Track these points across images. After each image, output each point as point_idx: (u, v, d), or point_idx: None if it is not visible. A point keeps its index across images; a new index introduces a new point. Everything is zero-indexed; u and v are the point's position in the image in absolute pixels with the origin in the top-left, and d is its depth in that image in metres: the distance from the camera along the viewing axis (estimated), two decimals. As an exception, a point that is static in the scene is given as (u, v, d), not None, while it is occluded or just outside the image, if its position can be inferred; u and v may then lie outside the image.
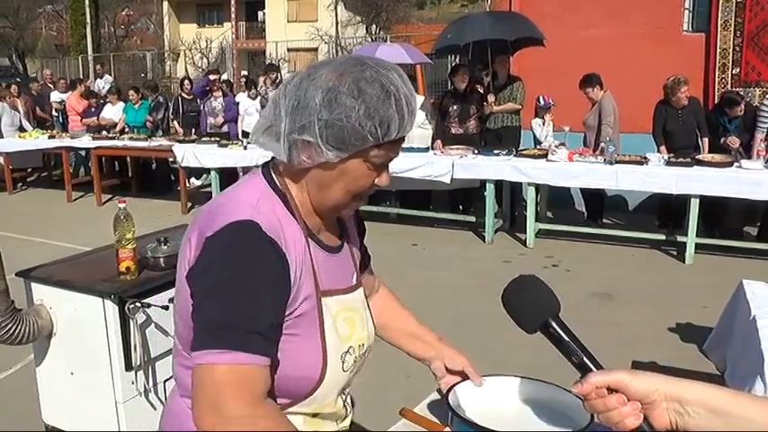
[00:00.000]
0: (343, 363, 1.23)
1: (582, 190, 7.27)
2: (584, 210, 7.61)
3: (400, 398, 1.78)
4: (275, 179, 1.20)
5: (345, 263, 1.31)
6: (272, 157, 1.21)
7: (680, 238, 6.11)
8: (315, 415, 1.25)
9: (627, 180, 6.07)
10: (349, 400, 1.37)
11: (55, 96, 12.16)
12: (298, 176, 1.18)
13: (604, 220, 7.32)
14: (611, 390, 0.86)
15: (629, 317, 4.73)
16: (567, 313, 0.98)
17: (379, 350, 1.43)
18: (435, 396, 1.56)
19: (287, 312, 1.13)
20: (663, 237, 6.38)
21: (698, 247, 5.95)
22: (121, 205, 2.44)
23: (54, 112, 12.02)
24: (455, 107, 7.35)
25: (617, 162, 6.14)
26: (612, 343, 4.09)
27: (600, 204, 7.28)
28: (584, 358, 0.93)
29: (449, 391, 1.37)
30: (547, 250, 6.41)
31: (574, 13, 8.36)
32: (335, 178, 1.14)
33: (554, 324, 0.97)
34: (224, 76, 11.87)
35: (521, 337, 1.09)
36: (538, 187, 6.58)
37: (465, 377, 1.42)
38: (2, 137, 10.20)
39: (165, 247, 2.54)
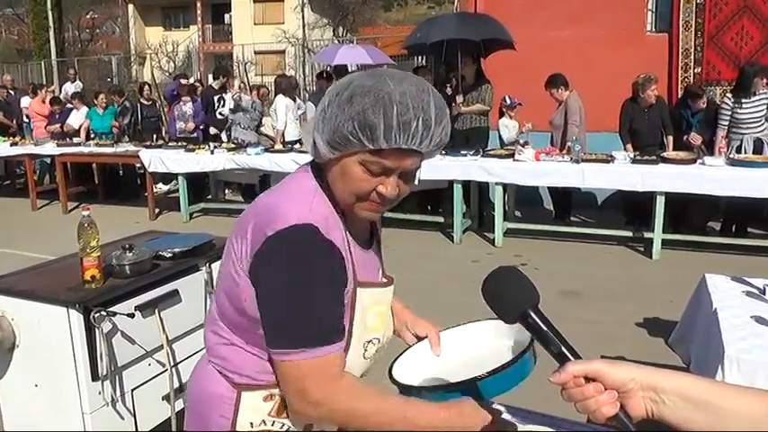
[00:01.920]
0: (365, 351, 1.35)
1: (549, 189, 7.35)
2: (552, 208, 7.69)
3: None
4: (320, 176, 1.30)
5: (374, 260, 1.43)
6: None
7: (647, 235, 6.21)
8: None
9: (593, 178, 6.16)
10: None
11: (25, 102, 11.90)
12: (327, 175, 1.28)
13: (572, 218, 7.40)
14: (588, 379, 0.88)
15: (597, 313, 4.79)
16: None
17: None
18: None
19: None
20: (630, 234, 6.47)
21: (664, 242, 6.06)
22: (85, 213, 2.40)
23: (25, 119, 11.74)
24: None
25: (583, 161, 6.22)
26: (581, 339, 4.12)
27: (568, 202, 7.36)
28: (563, 348, 0.95)
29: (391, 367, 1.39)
30: (515, 249, 6.46)
31: (539, 14, 8.45)
32: (338, 176, 1.24)
33: (533, 314, 0.98)
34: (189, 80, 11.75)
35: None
36: (505, 187, 6.64)
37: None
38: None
39: (131, 254, 2.51)
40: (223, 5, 32.79)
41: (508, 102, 7.56)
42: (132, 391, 2.51)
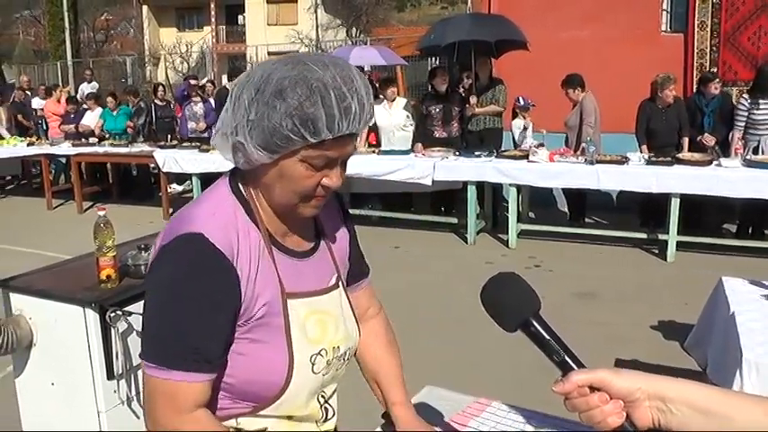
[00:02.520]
0: (312, 365, 1.22)
1: (564, 190, 7.32)
2: (566, 210, 7.66)
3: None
4: (239, 185, 1.20)
5: (318, 266, 1.30)
6: None
7: (661, 237, 6.16)
8: (289, 417, 1.25)
9: (608, 180, 6.12)
10: (332, 403, 1.35)
11: (36, 103, 11.98)
12: (254, 180, 1.18)
13: (587, 220, 7.36)
14: (593, 388, 0.85)
15: (611, 316, 4.76)
16: (549, 313, 0.97)
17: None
18: (420, 398, 1.57)
19: (244, 319, 1.15)
20: (644, 235, 6.43)
21: (679, 244, 6.01)
22: (101, 213, 2.42)
23: (38, 119, 11.82)
24: (437, 109, 7.35)
25: (598, 162, 6.18)
26: (595, 342, 4.12)
27: (582, 204, 7.33)
28: (566, 357, 0.91)
29: None
30: (529, 250, 6.44)
31: (553, 14, 8.42)
32: (276, 179, 1.14)
33: (534, 322, 0.94)
34: (202, 81, 11.82)
35: (503, 338, 1.09)
36: (519, 188, 6.62)
37: None
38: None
39: (146, 254, 2.52)
40: (237, 6, 32.90)
41: (521, 103, 7.53)
42: (147, 390, 2.52)
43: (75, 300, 2.35)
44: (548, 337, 0.94)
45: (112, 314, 2.30)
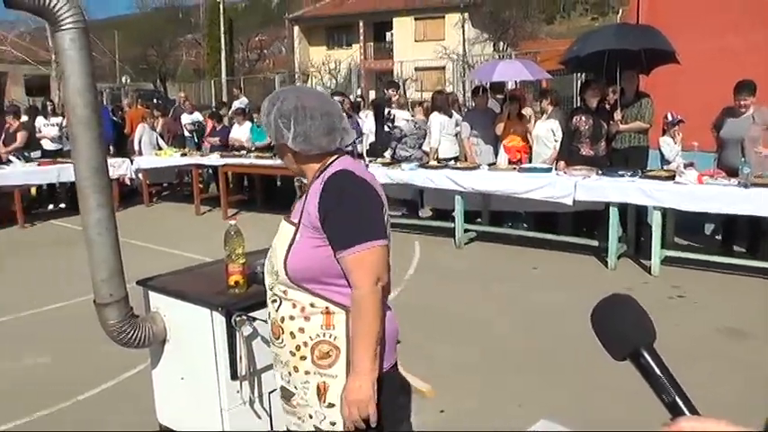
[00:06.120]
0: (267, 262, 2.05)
1: (728, 216, 6.65)
2: (718, 236, 7.12)
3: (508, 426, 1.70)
4: None
5: (297, 208, 1.96)
6: None
7: (827, 271, 5.56)
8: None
9: (765, 205, 5.60)
10: (282, 311, 1.99)
11: (185, 118, 12.72)
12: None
13: (737, 248, 6.73)
14: None
15: (764, 357, 4.32)
16: (691, 349, 0.89)
17: (488, 378, 1.37)
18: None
19: None
20: (807, 268, 5.83)
21: None
22: (232, 222, 2.58)
23: (187, 133, 12.46)
24: (587, 126, 7.03)
25: (753, 185, 5.68)
26: (742, 385, 3.77)
27: (757, 232, 6.59)
28: (677, 398, 0.83)
29: None
30: (673, 279, 6.02)
31: (704, 23, 7.83)
32: None
33: (646, 354, 0.86)
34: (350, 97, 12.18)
35: (635, 371, 0.99)
36: (665, 211, 6.21)
37: None
38: (141, 155, 11.02)
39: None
40: (385, 24, 33.84)
41: (670, 118, 7.09)
42: (270, 393, 2.59)
43: (204, 302, 2.48)
44: (659, 373, 0.85)
45: (237, 318, 2.39)
